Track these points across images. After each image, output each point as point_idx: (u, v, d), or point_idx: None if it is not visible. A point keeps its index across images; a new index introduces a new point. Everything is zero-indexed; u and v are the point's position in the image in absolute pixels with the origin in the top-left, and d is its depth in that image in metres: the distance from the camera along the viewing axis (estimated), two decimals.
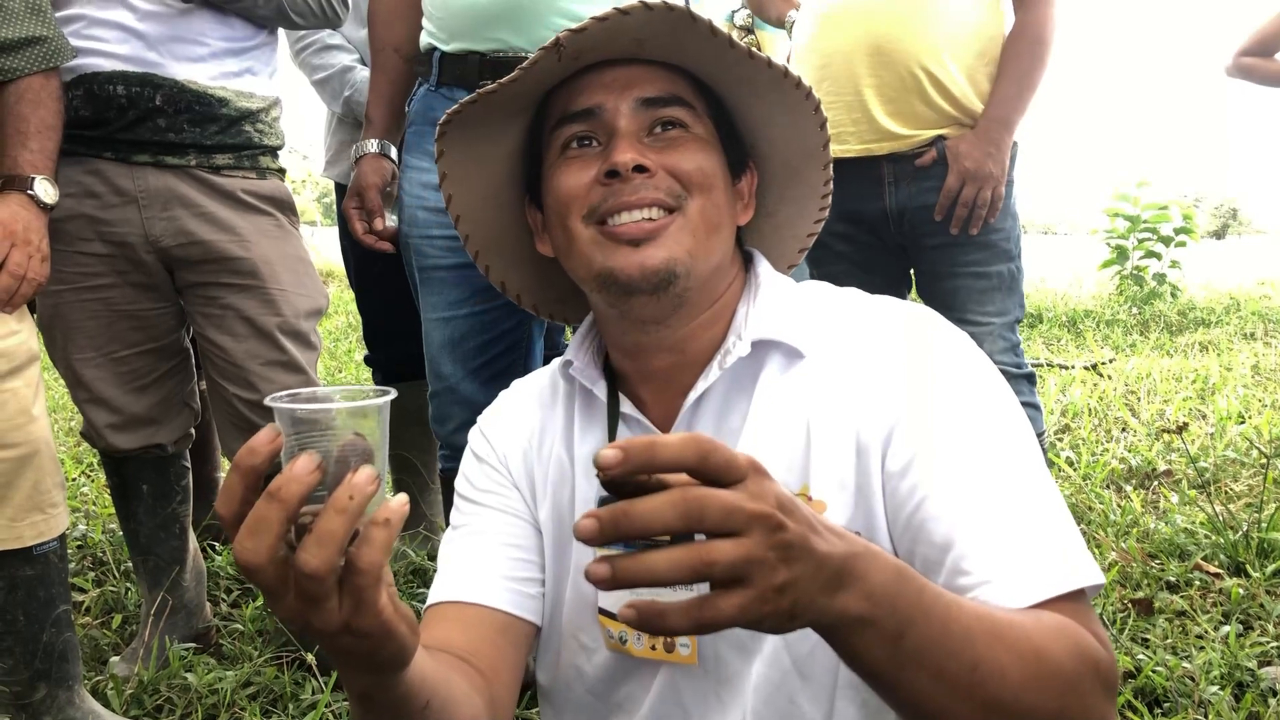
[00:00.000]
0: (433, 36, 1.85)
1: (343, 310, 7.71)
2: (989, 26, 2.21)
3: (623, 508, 0.59)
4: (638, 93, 1.00)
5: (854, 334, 0.98)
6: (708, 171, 1.00)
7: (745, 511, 0.60)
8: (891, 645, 0.67)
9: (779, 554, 0.61)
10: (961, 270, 2.25)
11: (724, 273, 1.04)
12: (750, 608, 0.61)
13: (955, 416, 0.90)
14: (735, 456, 0.62)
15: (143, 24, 1.97)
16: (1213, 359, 5.40)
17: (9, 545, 1.73)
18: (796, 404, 0.96)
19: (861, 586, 0.65)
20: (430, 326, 1.92)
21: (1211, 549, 2.64)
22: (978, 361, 0.95)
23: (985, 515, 0.85)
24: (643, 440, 0.60)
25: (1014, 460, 0.88)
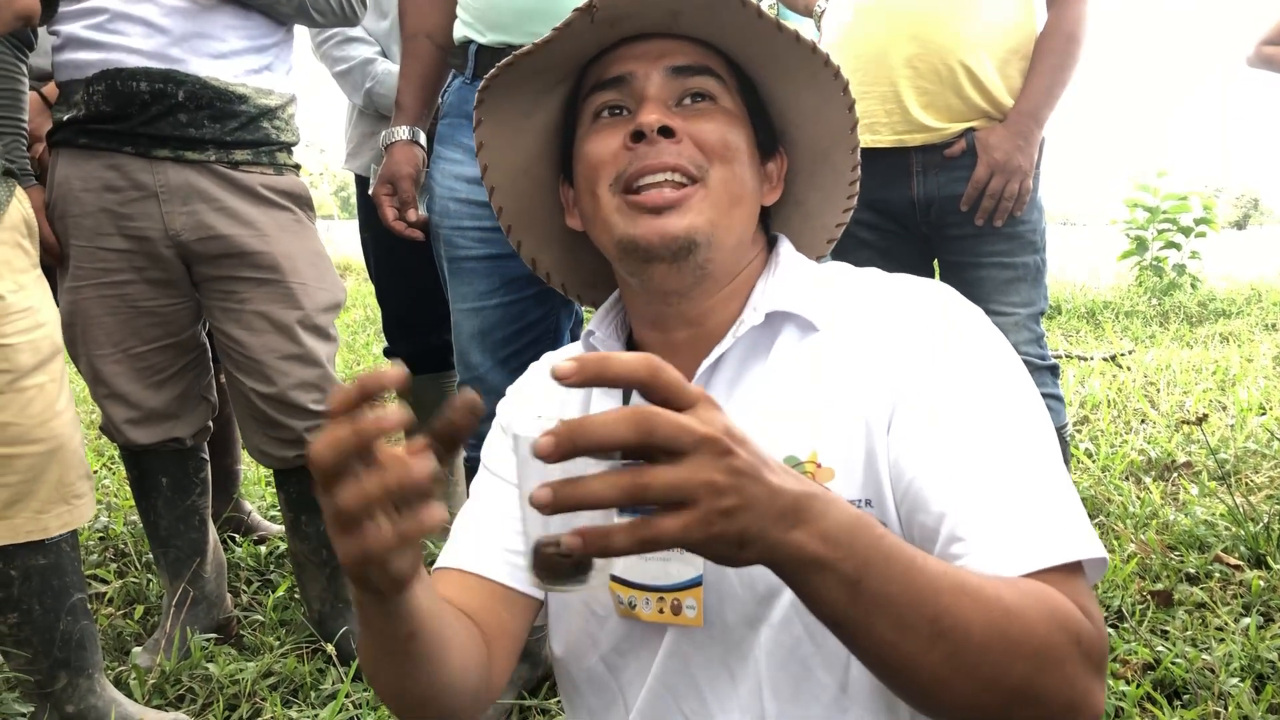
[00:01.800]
0: (469, 28, 1.85)
1: (360, 304, 7.73)
2: (1023, 22, 2.21)
3: (578, 422, 0.60)
4: (669, 61, 1.01)
5: (868, 308, 0.98)
6: (731, 144, 1.00)
7: (694, 432, 0.61)
8: (849, 589, 0.68)
9: (727, 478, 0.62)
10: (987, 261, 2.25)
11: (746, 249, 1.05)
12: (694, 528, 0.62)
13: (959, 387, 0.90)
14: (684, 384, 0.63)
15: (166, 20, 1.99)
16: (1233, 350, 5.37)
17: (36, 537, 1.76)
18: (808, 374, 0.97)
19: (817, 526, 0.66)
20: (460, 317, 1.93)
21: (1232, 541, 2.63)
22: (989, 335, 0.95)
23: (980, 484, 0.84)
24: (597, 354, 0.62)
25: (1015, 432, 0.88)
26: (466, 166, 1.87)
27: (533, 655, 2.09)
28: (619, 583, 1.01)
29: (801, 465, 0.94)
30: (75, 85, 2.02)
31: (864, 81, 2.21)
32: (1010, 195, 2.17)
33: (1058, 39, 2.21)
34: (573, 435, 0.60)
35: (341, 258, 10.45)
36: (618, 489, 0.61)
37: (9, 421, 1.71)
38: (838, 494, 0.87)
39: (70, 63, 2.02)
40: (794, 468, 0.91)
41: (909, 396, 0.90)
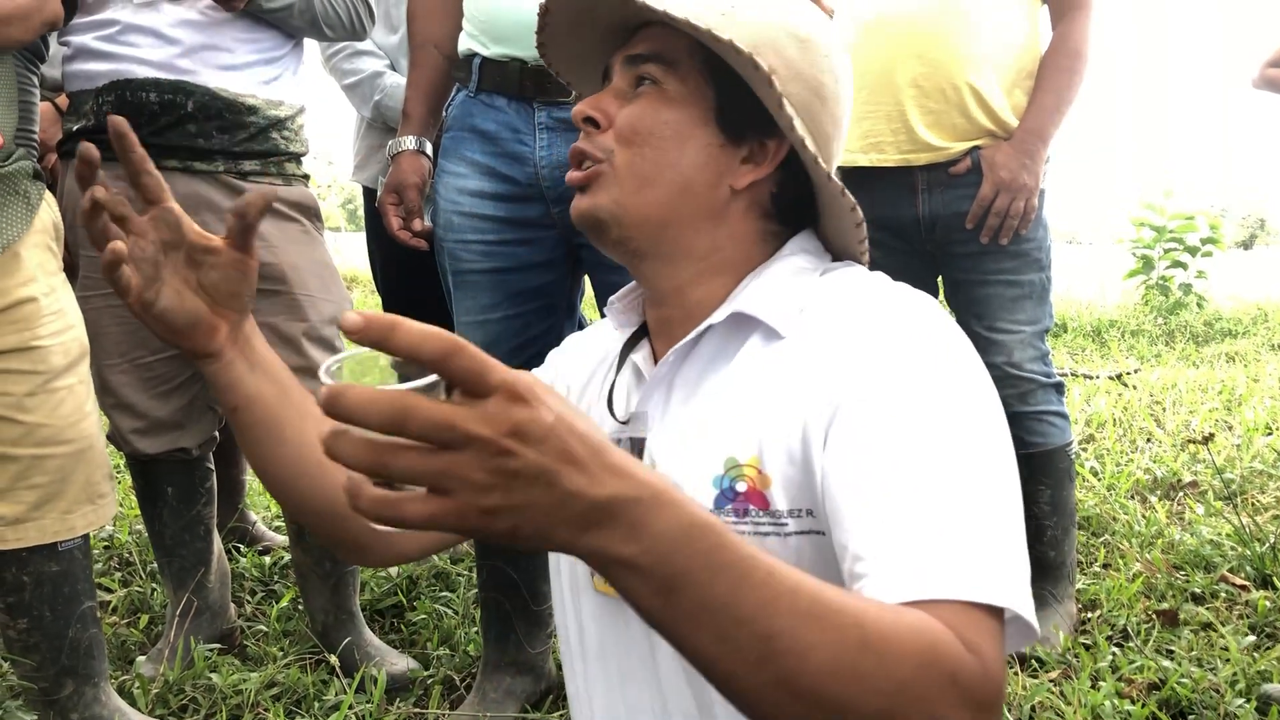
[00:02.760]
0: (474, 40, 1.86)
1: None
2: (1028, 41, 2.21)
3: (341, 386, 0.57)
4: (628, 50, 1.04)
5: (836, 318, 0.96)
6: (639, 126, 1.01)
7: (461, 430, 0.58)
8: (661, 596, 0.65)
9: (493, 478, 0.59)
10: (993, 278, 2.25)
11: (701, 231, 1.03)
12: (443, 519, 0.59)
13: (901, 406, 0.85)
14: (487, 370, 0.59)
15: (177, 31, 2.00)
16: (1239, 370, 5.36)
17: (62, 536, 1.78)
18: (762, 381, 0.96)
19: (629, 531, 0.63)
20: (464, 330, 1.94)
21: (1238, 561, 2.62)
22: (954, 358, 0.90)
23: (893, 505, 0.80)
24: (387, 317, 0.58)
25: (951, 461, 0.82)
26: (470, 180, 1.88)
27: (536, 669, 2.09)
28: None
29: (741, 468, 0.94)
30: (85, 96, 2.03)
31: (869, 101, 2.22)
32: (1016, 213, 2.17)
33: (1063, 57, 2.21)
34: (329, 400, 0.57)
35: (348, 269, 10.47)
36: (358, 459, 0.58)
37: (40, 422, 1.73)
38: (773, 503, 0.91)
39: (81, 73, 2.03)
40: (731, 470, 0.94)
41: (844, 413, 0.88)
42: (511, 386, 0.59)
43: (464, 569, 2.72)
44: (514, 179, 1.85)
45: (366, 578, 2.63)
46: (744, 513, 0.93)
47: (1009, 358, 2.25)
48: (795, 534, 0.91)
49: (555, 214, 1.84)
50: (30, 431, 1.73)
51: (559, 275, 1.93)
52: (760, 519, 0.92)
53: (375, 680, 2.09)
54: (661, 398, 1.04)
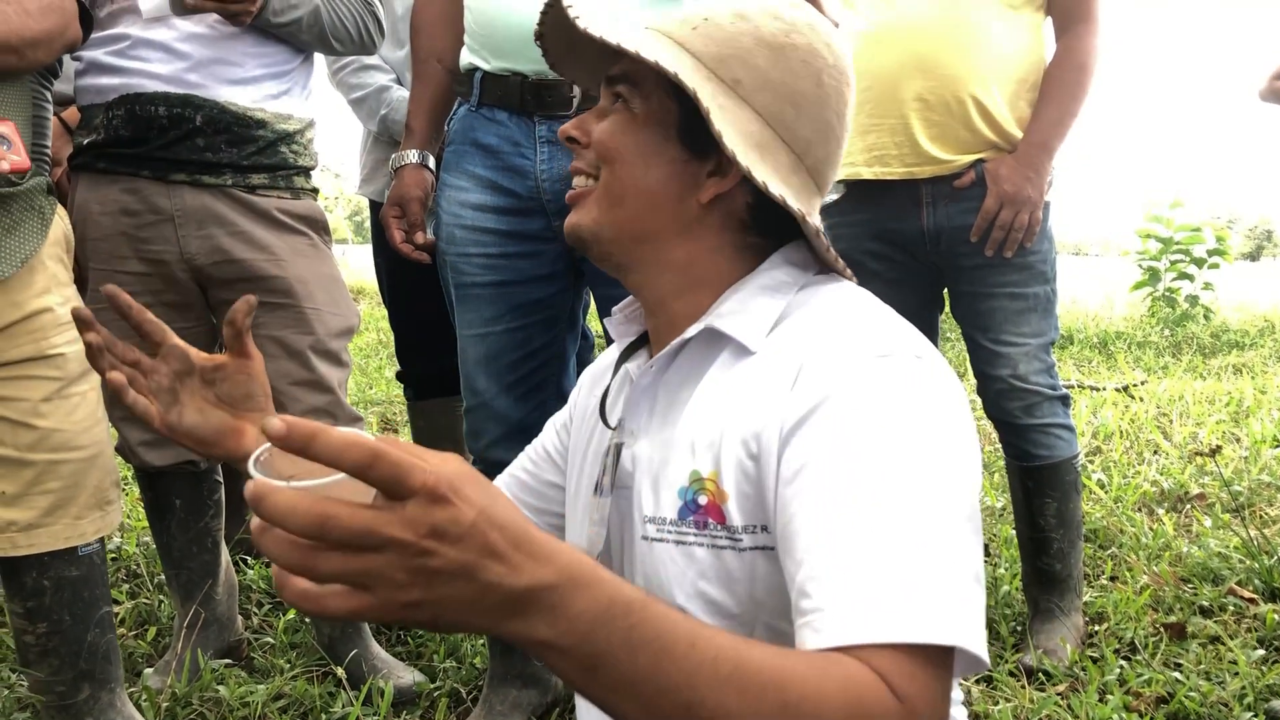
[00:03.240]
0: (475, 55, 1.87)
1: (373, 327, 7.77)
2: (1032, 53, 2.22)
3: (265, 488, 0.59)
4: (608, 70, 1.07)
5: (806, 343, 0.95)
6: (608, 145, 1.05)
7: (379, 535, 0.60)
8: (585, 673, 0.67)
9: (412, 577, 0.61)
10: (998, 291, 2.25)
11: (675, 245, 1.05)
12: (365, 613, 0.62)
13: (857, 440, 0.84)
14: (407, 475, 0.60)
15: (186, 46, 2.01)
16: (1246, 382, 5.35)
17: (74, 542, 1.80)
18: (724, 394, 0.98)
19: (548, 615, 0.65)
20: (466, 343, 1.94)
21: (1245, 574, 2.61)
22: (920, 390, 0.88)
23: (844, 544, 0.80)
24: (308, 427, 0.60)
25: (906, 502, 0.81)
26: (472, 194, 1.88)
27: (542, 682, 2.09)
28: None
29: (703, 482, 0.96)
30: (95, 110, 2.05)
31: (873, 114, 2.22)
32: (1020, 226, 2.17)
33: (1067, 70, 2.21)
34: (254, 500, 0.59)
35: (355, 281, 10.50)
36: (283, 557, 0.61)
37: (56, 428, 1.76)
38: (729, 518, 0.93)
39: (91, 87, 2.05)
40: (694, 483, 0.97)
41: (801, 438, 0.87)
42: (432, 489, 0.61)
43: None
44: (515, 192, 1.86)
45: None
46: (703, 525, 0.96)
47: (1014, 370, 2.25)
48: (750, 549, 0.93)
49: (557, 227, 1.85)
50: (45, 437, 1.75)
51: (561, 287, 1.94)
52: (717, 533, 0.95)
53: (382, 693, 2.09)
54: (646, 407, 1.08)
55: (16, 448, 1.74)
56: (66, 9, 1.76)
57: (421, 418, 2.97)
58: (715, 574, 0.95)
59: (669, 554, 0.98)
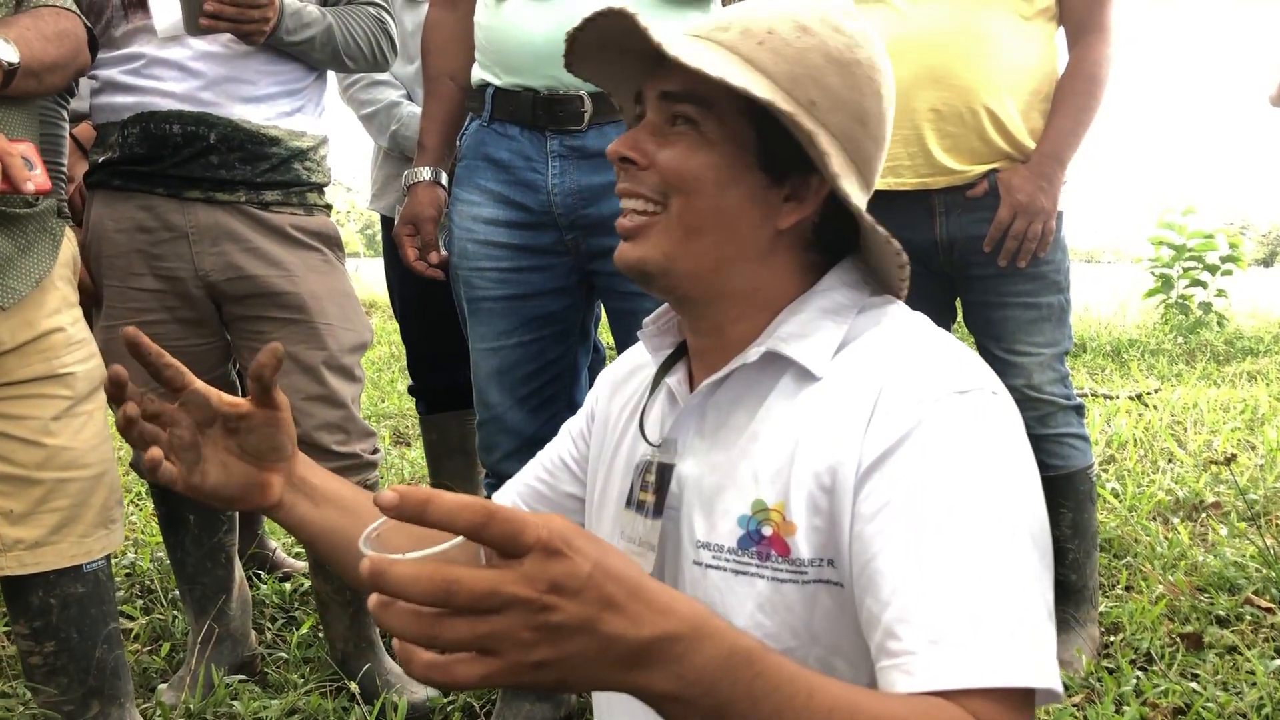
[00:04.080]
0: (487, 71, 1.88)
1: (385, 341, 7.79)
2: (1045, 64, 2.22)
3: (384, 564, 0.59)
4: (662, 85, 1.00)
5: (874, 370, 0.94)
6: (687, 174, 0.98)
7: (502, 594, 0.60)
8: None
9: (537, 635, 0.61)
10: (1011, 301, 2.25)
11: (746, 274, 1.01)
12: (495, 678, 0.61)
13: (943, 481, 0.85)
14: (520, 532, 0.60)
15: (201, 64, 2.03)
16: (1261, 389, 5.32)
17: (80, 560, 1.81)
18: (793, 423, 0.95)
19: (672, 668, 0.65)
20: (478, 356, 1.95)
21: (1262, 583, 2.60)
22: (992, 427, 0.89)
23: (933, 587, 0.80)
24: (421, 494, 0.60)
25: (988, 543, 0.82)
26: (484, 208, 1.89)
27: (555, 696, 2.09)
28: None
29: (768, 512, 0.94)
30: (111, 128, 2.06)
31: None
32: (1033, 236, 2.17)
33: (1080, 80, 2.21)
34: (373, 577, 0.59)
35: (367, 295, 10.53)
36: (409, 630, 0.60)
37: (65, 446, 1.78)
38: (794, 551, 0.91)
39: (107, 106, 2.07)
40: (758, 513, 0.94)
41: (882, 474, 0.87)
42: (546, 543, 0.61)
43: None
44: (527, 206, 1.87)
45: None
46: (765, 557, 0.93)
47: (1028, 380, 2.24)
48: (813, 582, 0.91)
49: (569, 240, 1.86)
50: (54, 455, 1.77)
51: (573, 301, 1.94)
52: (780, 566, 0.93)
53: (396, 708, 2.09)
54: (694, 426, 1.04)
55: (25, 466, 1.75)
56: (79, 35, 1.80)
57: (433, 431, 2.98)
58: (774, 606, 0.93)
59: (726, 582, 0.96)
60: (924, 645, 0.79)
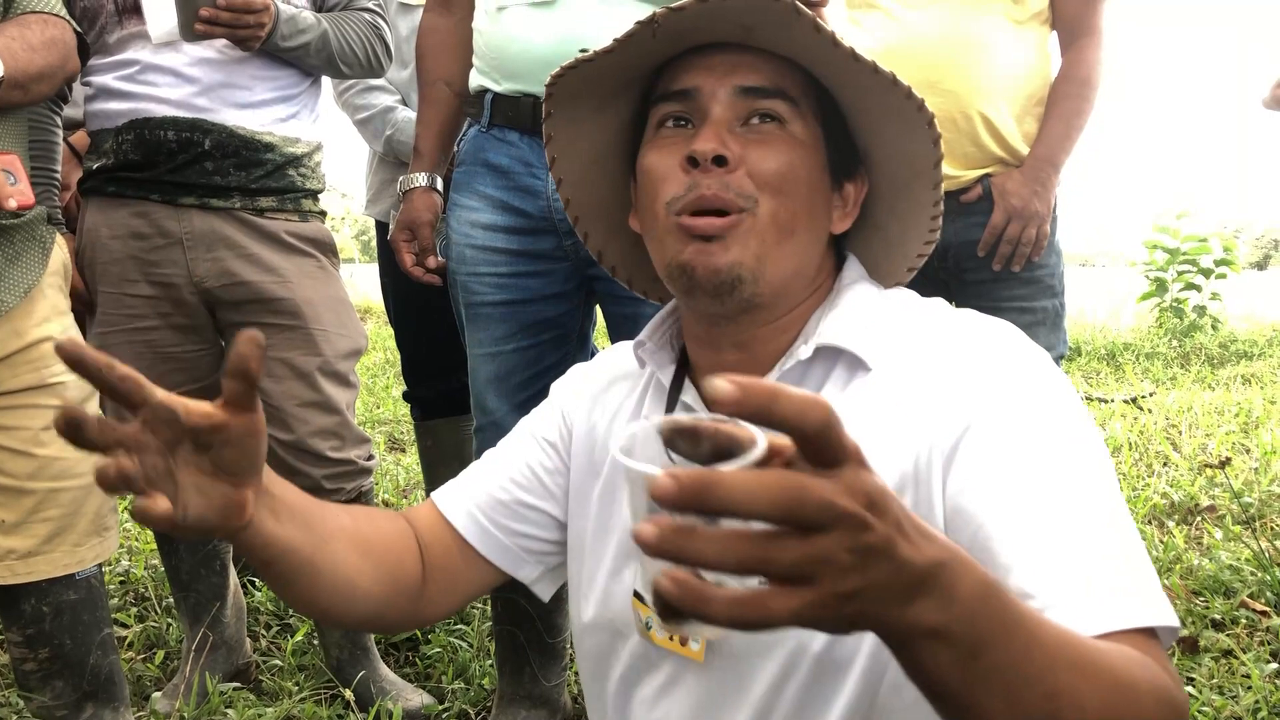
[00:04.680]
0: (485, 76, 1.88)
1: (380, 346, 7.77)
2: (1038, 69, 2.22)
3: (713, 475, 0.51)
4: (739, 80, 0.96)
5: (926, 349, 0.94)
6: (787, 174, 0.95)
7: (836, 508, 0.52)
8: (964, 663, 0.61)
9: (856, 558, 0.54)
10: (1005, 305, 2.25)
11: (805, 280, 1.01)
12: (806, 612, 0.54)
13: (1027, 437, 0.85)
14: (846, 438, 0.54)
15: (195, 70, 2.03)
16: (1256, 392, 5.33)
17: (72, 569, 1.81)
18: (855, 419, 0.90)
19: (942, 598, 0.58)
20: (476, 362, 1.95)
21: (1257, 586, 2.60)
22: (1058, 382, 0.91)
23: (1054, 539, 0.80)
24: (766, 384, 0.52)
25: (1089, 487, 0.83)
26: (482, 213, 1.89)
27: (551, 702, 2.09)
28: (640, 601, 1.01)
29: None
30: (105, 135, 2.06)
31: None
32: (1028, 241, 2.17)
33: (1072, 84, 2.21)
34: (701, 491, 0.50)
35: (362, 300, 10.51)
36: (735, 558, 0.52)
37: (56, 456, 1.77)
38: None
39: (101, 112, 2.06)
40: None
41: (968, 447, 0.86)
42: (857, 451, 0.55)
43: (478, 602, 2.71)
44: (526, 212, 1.86)
45: None
46: None
47: None
48: None
49: (568, 246, 1.86)
50: (45, 465, 1.76)
51: (571, 306, 1.94)
52: None
53: (391, 715, 2.09)
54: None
55: (16, 477, 1.75)
56: (67, 42, 1.78)
57: (429, 437, 2.98)
58: None
59: None
60: (1066, 597, 0.77)
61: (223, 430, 0.81)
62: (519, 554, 1.15)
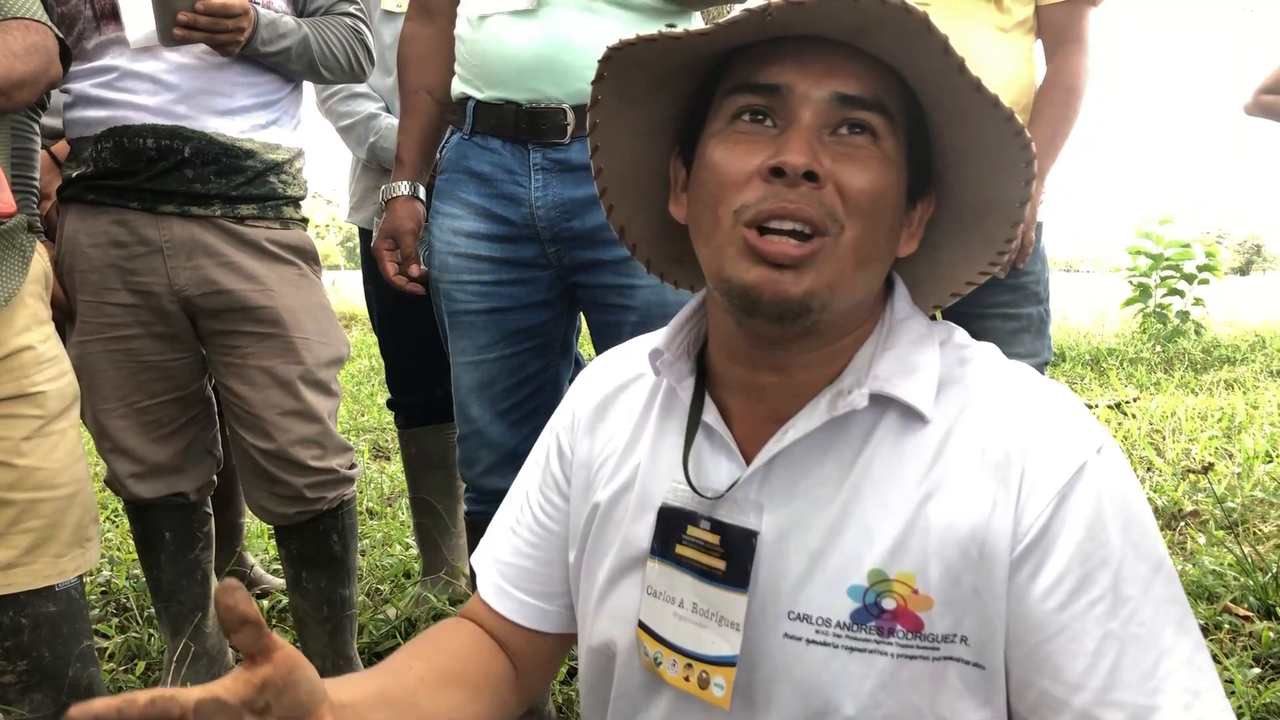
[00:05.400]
0: (467, 84, 1.88)
1: (365, 353, 7.75)
2: (1023, 75, 2.21)
3: None
4: (838, 85, 0.86)
5: (991, 411, 0.88)
6: (877, 197, 0.86)
7: None
8: None
9: None
10: (991, 311, 2.24)
11: (865, 308, 0.93)
12: None
13: (1111, 550, 0.83)
14: None
15: (174, 77, 2.01)
16: (1238, 397, 5.36)
17: (53, 581, 1.78)
18: (913, 476, 0.87)
19: None
20: (459, 370, 1.94)
21: (1241, 591, 2.61)
22: (1135, 485, 0.88)
23: (1128, 665, 0.81)
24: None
25: (1171, 608, 0.84)
26: (465, 221, 1.89)
27: (537, 713, 2.07)
28: (647, 633, 0.97)
29: (890, 583, 0.86)
30: (84, 142, 2.05)
31: None
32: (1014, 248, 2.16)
33: (1058, 91, 2.21)
34: None
35: (347, 307, 10.50)
36: None
37: (36, 466, 1.75)
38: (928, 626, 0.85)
39: (80, 120, 2.05)
40: (878, 584, 0.86)
41: (1053, 548, 0.83)
42: None
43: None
44: (509, 220, 1.86)
45: (365, 621, 2.61)
46: (889, 632, 0.86)
47: None
48: (944, 659, 0.86)
49: (551, 254, 1.85)
50: (26, 475, 1.74)
51: (555, 314, 1.93)
52: (909, 641, 0.86)
53: None
54: (759, 476, 0.93)
55: None
56: (49, 48, 1.76)
57: (412, 445, 2.96)
58: (899, 683, 0.86)
59: (837, 662, 0.87)
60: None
61: (270, 685, 0.78)
62: (568, 614, 1.14)
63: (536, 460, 1.17)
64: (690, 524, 0.94)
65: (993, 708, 0.87)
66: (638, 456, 1.03)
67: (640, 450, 1.04)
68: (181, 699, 0.73)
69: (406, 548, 3.26)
